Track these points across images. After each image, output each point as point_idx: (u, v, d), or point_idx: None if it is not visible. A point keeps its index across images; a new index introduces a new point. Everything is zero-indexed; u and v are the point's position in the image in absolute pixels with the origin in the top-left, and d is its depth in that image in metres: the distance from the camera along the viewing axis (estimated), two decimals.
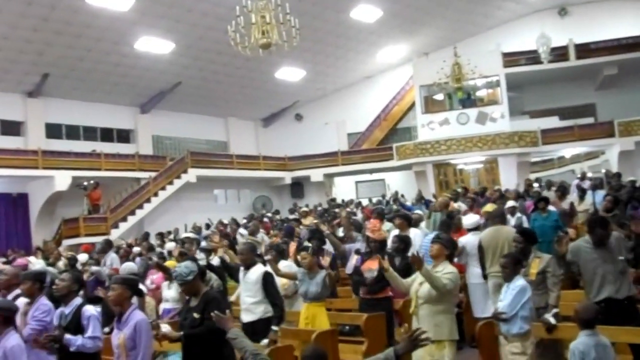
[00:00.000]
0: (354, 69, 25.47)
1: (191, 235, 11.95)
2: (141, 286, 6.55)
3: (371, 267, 5.87)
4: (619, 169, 18.56)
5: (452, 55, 19.76)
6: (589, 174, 18.05)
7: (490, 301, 6.38)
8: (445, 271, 4.72)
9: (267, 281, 5.46)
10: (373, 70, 26.09)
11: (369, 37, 22.94)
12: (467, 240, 7.03)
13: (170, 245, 10.17)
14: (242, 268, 5.82)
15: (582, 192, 11.05)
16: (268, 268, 5.80)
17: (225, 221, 16.18)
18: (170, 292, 7.01)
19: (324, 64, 24.19)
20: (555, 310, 4.71)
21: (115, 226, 18.21)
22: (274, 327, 5.27)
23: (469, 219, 7.55)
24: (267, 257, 6.51)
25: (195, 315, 4.23)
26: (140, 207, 19.18)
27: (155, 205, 19.54)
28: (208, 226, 16.15)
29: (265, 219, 16.23)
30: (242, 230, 12.66)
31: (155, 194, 19.67)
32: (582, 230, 6.38)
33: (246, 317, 5.54)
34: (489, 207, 8.33)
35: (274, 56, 15.29)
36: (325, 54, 23.34)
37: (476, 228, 7.24)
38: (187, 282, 4.31)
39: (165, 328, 6.06)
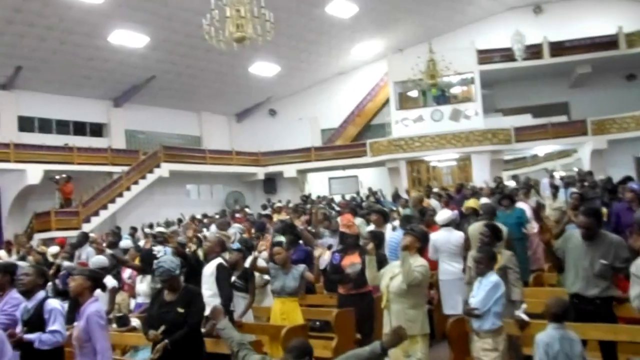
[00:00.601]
0: (328, 64, 25.50)
1: (163, 229, 11.92)
2: (110, 281, 6.48)
3: (354, 262, 5.86)
4: (591, 167, 19.01)
5: (427, 52, 19.80)
6: (560, 173, 18.40)
7: (460, 298, 6.39)
8: (417, 264, 4.67)
9: (220, 272, 5.50)
10: (347, 66, 26.17)
11: (344, 33, 22.97)
12: (438, 236, 7.01)
13: (125, 242, 9.84)
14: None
15: (555, 190, 11.24)
16: (223, 261, 5.80)
17: (198, 216, 16.15)
18: (142, 286, 6.95)
19: (298, 59, 24.18)
20: (524, 306, 4.78)
21: (87, 220, 18.02)
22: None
23: (442, 215, 7.49)
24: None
25: (180, 309, 4.20)
26: (113, 201, 19.00)
27: (127, 200, 19.37)
28: (180, 221, 16.05)
29: (239, 215, 16.09)
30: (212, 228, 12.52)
31: (128, 189, 19.49)
32: (547, 229, 6.43)
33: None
34: (472, 203, 8.54)
35: (248, 51, 15.28)
36: (299, 49, 23.31)
37: (448, 224, 7.22)
38: (174, 277, 4.31)
39: (135, 322, 6.03)
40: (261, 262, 6.50)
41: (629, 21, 21.81)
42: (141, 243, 10.87)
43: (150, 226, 15.02)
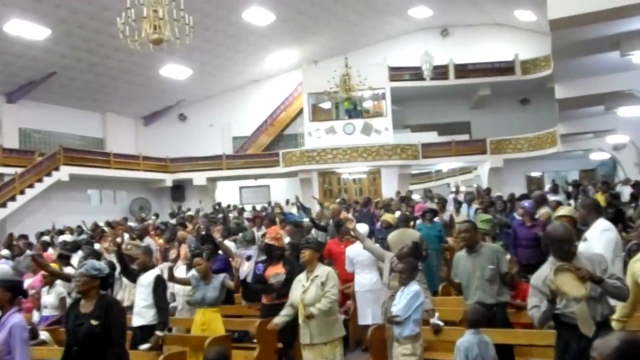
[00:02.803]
0: (243, 71, 25.56)
1: (68, 238, 11.60)
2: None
3: (277, 272, 6.02)
4: (489, 184, 20.28)
5: (342, 65, 20.34)
6: (462, 188, 19.52)
7: (373, 309, 6.81)
8: (321, 274, 4.99)
9: (158, 285, 5.52)
10: (262, 74, 26.36)
11: (260, 41, 23.15)
12: (353, 250, 7.24)
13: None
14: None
15: (458, 205, 11.90)
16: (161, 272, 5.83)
17: (101, 223, 15.44)
18: (50, 298, 6.65)
19: (212, 64, 24.05)
20: (437, 314, 5.21)
21: None
22: (158, 332, 5.31)
23: (361, 228, 7.71)
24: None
25: (93, 322, 4.00)
26: (4, 205, 17.81)
27: (21, 204, 18.23)
28: (81, 229, 15.12)
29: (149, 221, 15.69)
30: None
31: (22, 192, 18.35)
32: (457, 240, 7.08)
33: (137, 321, 5.56)
34: (388, 217, 9.04)
35: (161, 52, 15.02)
36: (214, 54, 23.21)
37: None
38: (90, 277, 4.05)
39: (44, 335, 5.81)
40: (180, 273, 6.48)
41: (524, 49, 23.65)
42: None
43: (61, 232, 14.36)
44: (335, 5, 21.91)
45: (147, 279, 5.63)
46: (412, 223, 8.74)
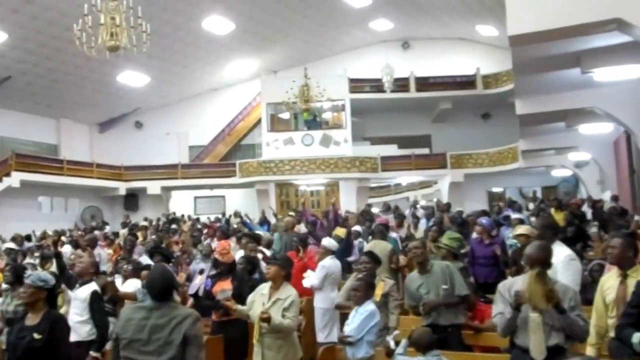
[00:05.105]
0: (201, 79, 26.81)
1: (12, 245, 12.08)
2: None
3: (224, 288, 6.08)
4: (449, 198, 21.54)
5: (301, 76, 21.19)
6: (422, 202, 20.87)
7: (335, 327, 7.09)
8: (284, 299, 5.03)
9: (94, 301, 5.47)
10: (221, 82, 27.71)
11: (219, 49, 24.50)
12: (330, 264, 7.45)
13: None
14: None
15: (416, 220, 12.85)
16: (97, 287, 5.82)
17: (50, 232, 15.91)
18: None
19: (171, 71, 25.24)
20: (395, 332, 5.12)
21: None
22: (93, 353, 5.18)
23: (330, 242, 7.95)
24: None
25: (36, 335, 4.14)
26: None
27: None
28: (29, 238, 15.37)
29: (97, 232, 16.04)
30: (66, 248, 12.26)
31: None
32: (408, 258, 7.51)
33: (71, 337, 5.18)
34: (340, 231, 9.41)
35: (118, 59, 15.16)
36: (172, 62, 24.40)
37: (333, 252, 7.75)
38: (36, 288, 4.30)
39: None
40: (128, 286, 6.64)
41: (486, 64, 25.33)
42: None
43: (28, 238, 14.68)
44: (295, 15, 23.33)
45: (83, 293, 5.58)
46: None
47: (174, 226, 16.54)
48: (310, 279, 7.47)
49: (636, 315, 3.63)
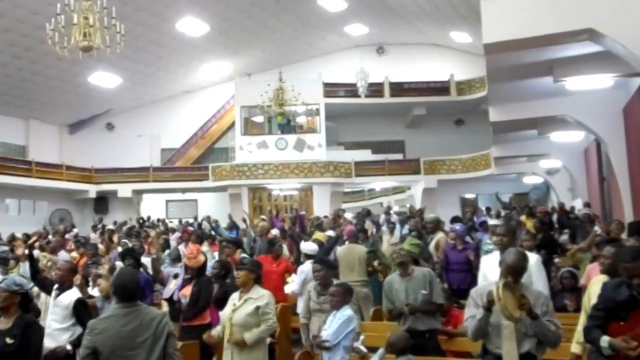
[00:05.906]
0: (174, 81, 26.73)
1: None
2: None
3: (185, 294, 6.18)
4: (423, 204, 21.86)
5: (276, 79, 21.08)
6: (395, 208, 21.00)
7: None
8: (256, 297, 5.07)
9: (79, 309, 5.41)
10: (194, 85, 27.66)
11: (193, 51, 24.48)
12: (308, 268, 7.33)
13: None
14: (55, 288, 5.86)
15: (392, 225, 12.86)
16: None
17: (19, 235, 15.01)
18: None
19: (144, 73, 25.13)
20: (362, 337, 5.15)
21: None
22: (68, 346, 5.19)
23: (310, 246, 8.14)
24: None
25: (8, 340, 4.14)
26: None
27: None
28: None
29: (67, 236, 15.65)
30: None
31: None
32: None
33: (48, 343, 5.19)
34: (320, 235, 9.60)
35: (90, 59, 15.01)
36: (145, 63, 24.27)
37: (313, 256, 7.73)
38: (11, 292, 4.31)
39: None
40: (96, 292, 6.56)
41: (460, 70, 25.68)
42: None
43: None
44: (270, 18, 23.34)
45: (65, 299, 5.46)
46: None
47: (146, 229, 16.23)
48: (292, 284, 7.56)
49: (602, 317, 3.67)
